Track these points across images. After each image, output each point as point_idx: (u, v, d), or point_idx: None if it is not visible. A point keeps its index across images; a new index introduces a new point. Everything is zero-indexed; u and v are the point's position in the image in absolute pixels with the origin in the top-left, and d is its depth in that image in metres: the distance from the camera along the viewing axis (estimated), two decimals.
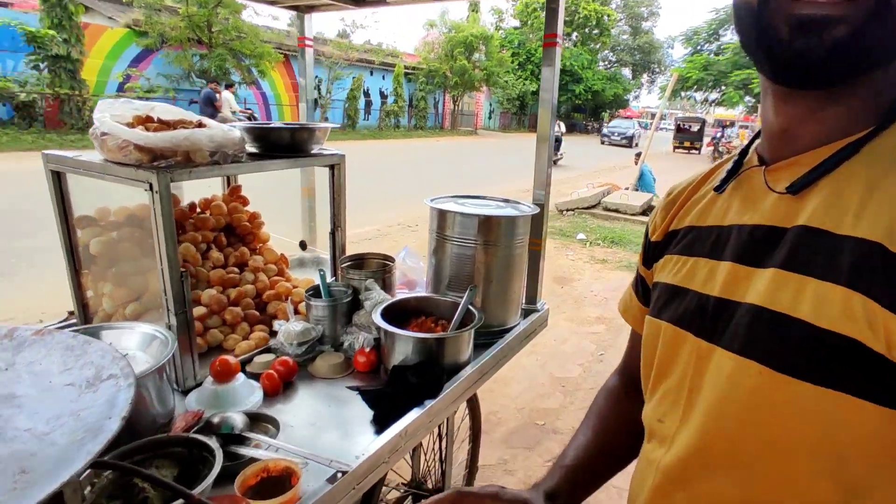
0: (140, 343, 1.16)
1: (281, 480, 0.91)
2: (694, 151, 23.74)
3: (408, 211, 7.50)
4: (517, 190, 8.79)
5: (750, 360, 0.48)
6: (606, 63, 45.76)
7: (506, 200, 1.68)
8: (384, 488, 1.68)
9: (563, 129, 17.55)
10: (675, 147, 24.12)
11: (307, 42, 1.99)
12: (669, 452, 0.57)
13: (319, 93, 20.01)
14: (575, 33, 35.86)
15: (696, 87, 21.14)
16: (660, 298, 0.65)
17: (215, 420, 1.05)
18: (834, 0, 0.41)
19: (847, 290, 0.42)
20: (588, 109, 38.76)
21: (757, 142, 0.60)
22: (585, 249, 6.72)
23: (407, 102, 24.61)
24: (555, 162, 12.82)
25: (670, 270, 0.64)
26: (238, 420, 1.05)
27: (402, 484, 1.81)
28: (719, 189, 0.61)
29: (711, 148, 21.64)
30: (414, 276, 1.75)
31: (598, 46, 38.18)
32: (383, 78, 23.82)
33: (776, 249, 0.49)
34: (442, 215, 1.49)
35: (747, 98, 20.27)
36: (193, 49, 15.07)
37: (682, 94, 22.50)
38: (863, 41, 0.42)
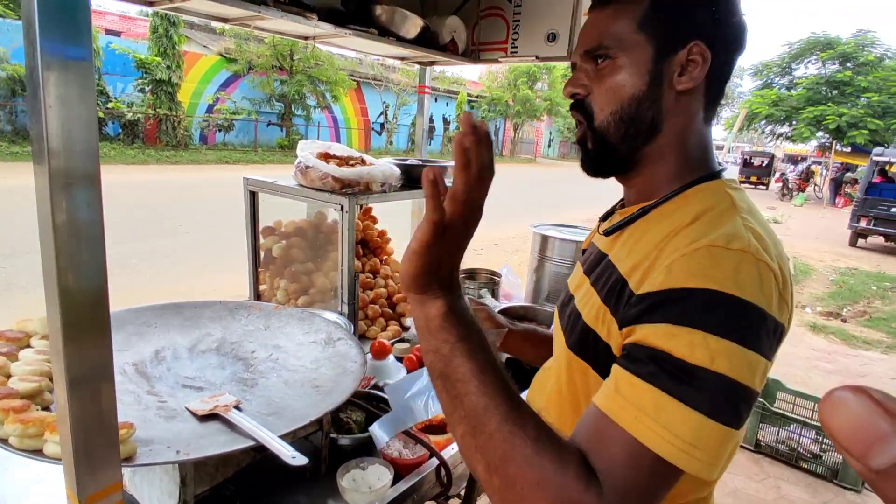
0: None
1: (439, 428, 1.24)
2: (761, 187, 22.82)
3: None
4: (589, 218, 8.99)
5: (565, 340, 0.76)
6: None
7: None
8: None
9: None
10: (740, 182, 23.27)
11: (427, 90, 2.39)
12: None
13: (386, 117, 20.98)
14: None
15: (765, 121, 20.51)
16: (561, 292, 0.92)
17: (380, 384, 1.39)
18: (579, 135, 0.76)
19: (601, 302, 0.69)
20: None
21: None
22: None
23: None
24: None
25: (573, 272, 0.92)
26: None
27: None
28: (602, 219, 0.88)
29: (780, 184, 20.79)
30: (511, 290, 2.07)
31: None
32: (447, 105, 24.69)
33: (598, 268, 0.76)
34: (544, 240, 1.81)
35: (819, 133, 19.48)
36: (275, 75, 16.31)
37: (750, 127, 21.76)
38: (596, 157, 0.74)
